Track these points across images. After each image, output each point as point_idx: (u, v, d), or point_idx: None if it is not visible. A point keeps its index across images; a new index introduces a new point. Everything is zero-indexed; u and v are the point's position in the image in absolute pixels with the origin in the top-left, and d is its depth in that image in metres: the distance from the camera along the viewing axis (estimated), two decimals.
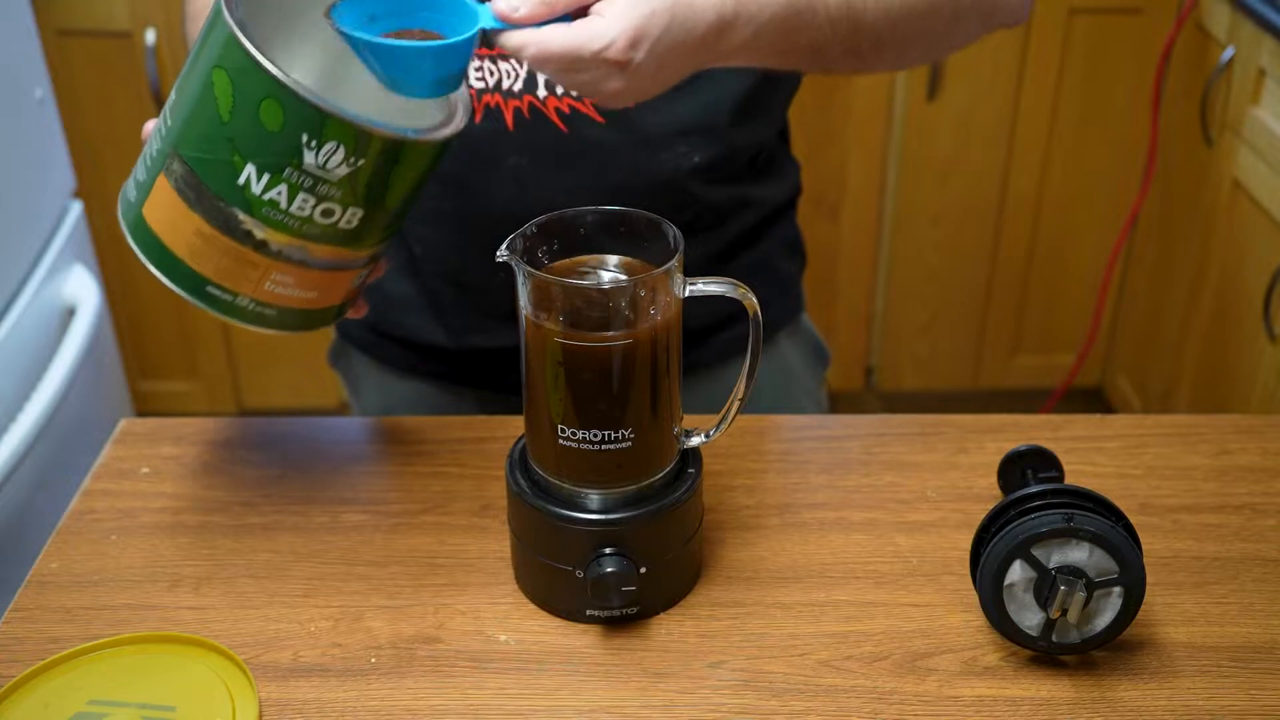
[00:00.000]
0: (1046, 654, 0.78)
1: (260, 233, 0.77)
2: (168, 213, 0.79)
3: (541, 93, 0.98)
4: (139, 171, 0.81)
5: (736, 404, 0.82)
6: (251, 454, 0.98)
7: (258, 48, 0.74)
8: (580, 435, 0.77)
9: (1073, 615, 0.75)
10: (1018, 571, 0.76)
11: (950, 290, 2.38)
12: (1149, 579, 0.79)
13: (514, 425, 0.99)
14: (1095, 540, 0.74)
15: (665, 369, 0.78)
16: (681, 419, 0.82)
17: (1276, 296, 1.75)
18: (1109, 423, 1.02)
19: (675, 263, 0.75)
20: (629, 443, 0.78)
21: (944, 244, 2.33)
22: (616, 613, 0.81)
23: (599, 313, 0.75)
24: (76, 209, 1.78)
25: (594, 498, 0.80)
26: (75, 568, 0.87)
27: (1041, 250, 2.34)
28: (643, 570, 0.80)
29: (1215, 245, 1.97)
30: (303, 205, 0.77)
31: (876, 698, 0.76)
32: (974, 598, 0.83)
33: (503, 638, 0.81)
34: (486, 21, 0.76)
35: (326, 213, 0.77)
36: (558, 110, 0.98)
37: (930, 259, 2.35)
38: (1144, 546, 0.79)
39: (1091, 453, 0.98)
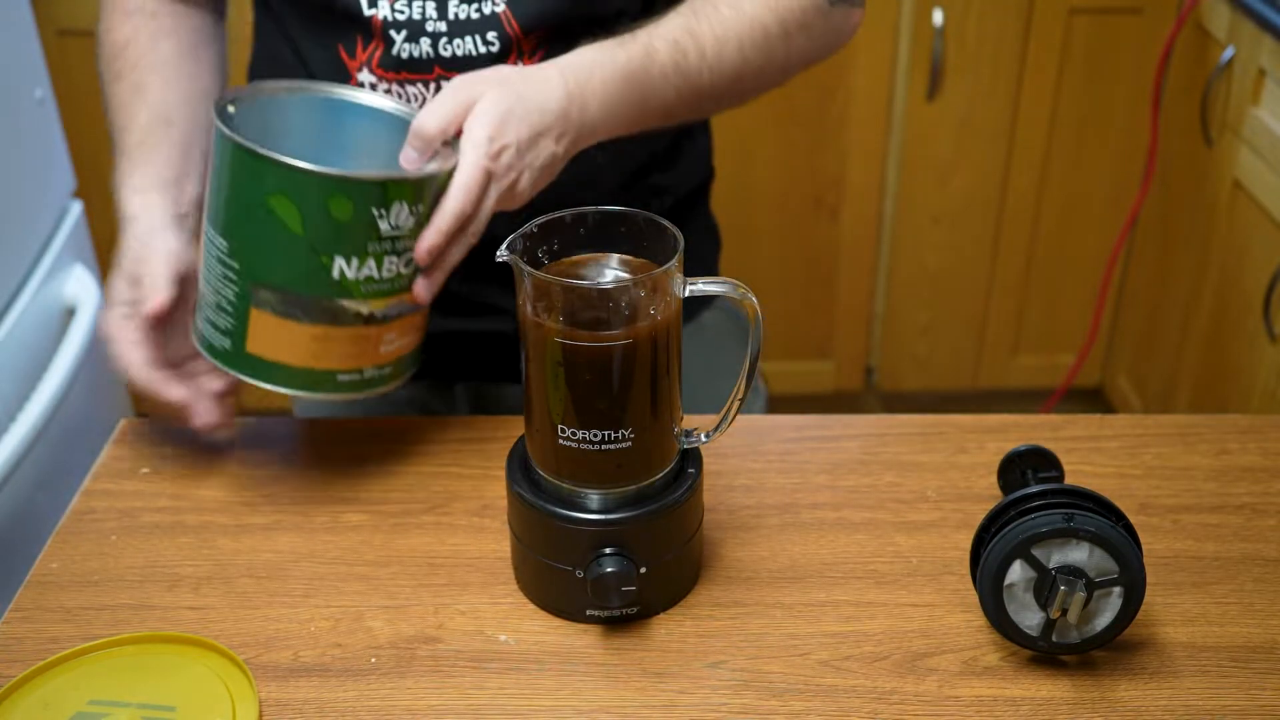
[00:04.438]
0: (1046, 654, 0.78)
1: (366, 307, 0.85)
2: (277, 336, 0.86)
3: None
4: (217, 319, 0.87)
5: (736, 404, 0.82)
6: (251, 454, 0.98)
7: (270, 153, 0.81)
8: (580, 435, 0.77)
9: (1073, 615, 0.75)
10: (1018, 571, 0.76)
11: (950, 290, 2.38)
12: (1149, 579, 0.79)
13: (514, 425, 0.99)
14: (1095, 540, 0.74)
15: (665, 369, 0.78)
16: (681, 419, 0.82)
17: (1276, 296, 1.75)
18: (1109, 423, 1.02)
19: (675, 262, 0.75)
20: (629, 443, 0.78)
21: (944, 244, 2.33)
22: (616, 613, 0.81)
23: (599, 312, 0.75)
24: (76, 209, 1.78)
25: (594, 498, 0.80)
26: (75, 568, 0.87)
27: (1041, 250, 2.34)
28: (643, 570, 0.80)
29: (1215, 245, 1.97)
30: (391, 266, 0.85)
31: (876, 698, 0.76)
32: (974, 598, 0.83)
33: (503, 638, 0.81)
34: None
35: (408, 261, 0.86)
36: None
37: (930, 259, 2.35)
38: (1144, 546, 0.79)
39: (1091, 453, 0.98)
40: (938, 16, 2.10)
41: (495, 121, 0.86)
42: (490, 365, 1.13)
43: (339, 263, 0.83)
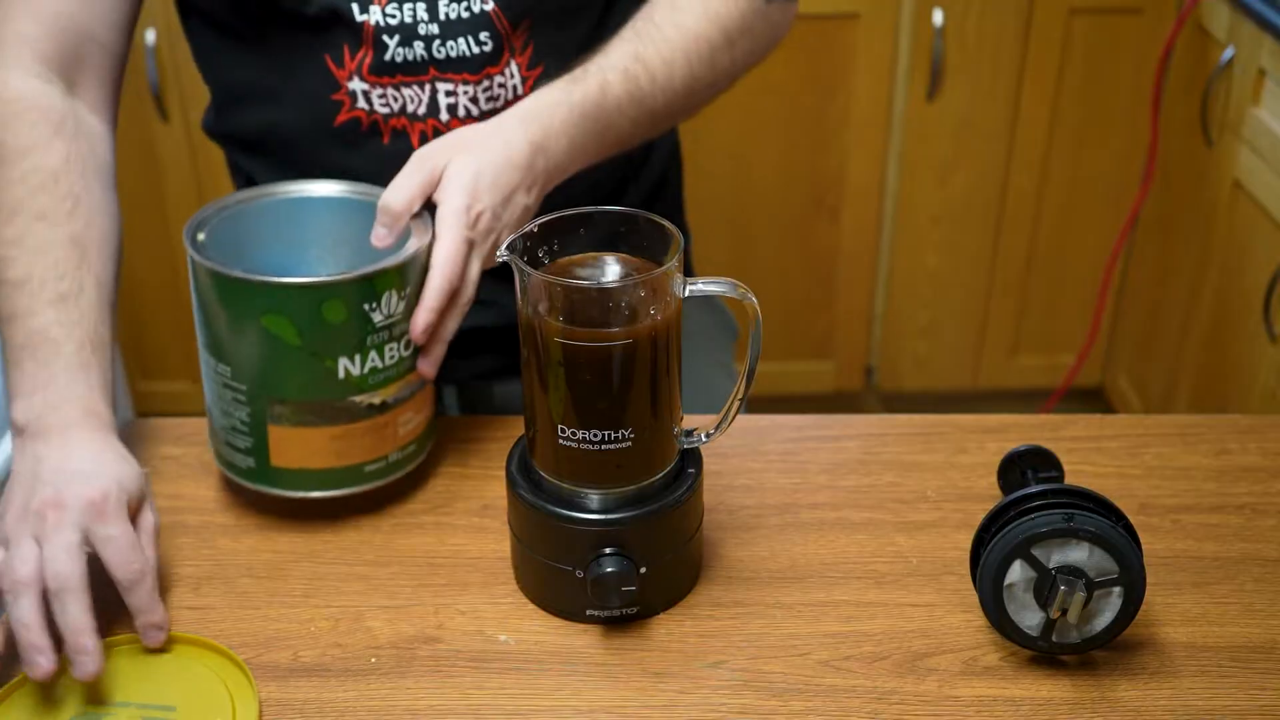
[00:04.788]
0: (1046, 654, 0.78)
1: (377, 397, 0.86)
2: (297, 446, 0.87)
3: (444, 116, 1.00)
4: (235, 441, 0.88)
5: (736, 404, 0.82)
6: None
7: (243, 269, 0.83)
8: (580, 435, 0.77)
9: (1073, 615, 0.75)
10: (1018, 571, 0.76)
11: (950, 290, 2.38)
12: (1149, 579, 0.79)
13: (514, 425, 0.99)
14: (1095, 540, 0.74)
15: (665, 369, 0.78)
16: (681, 419, 0.82)
17: (1276, 296, 1.75)
18: (1109, 423, 1.02)
19: (675, 262, 0.75)
20: (629, 443, 0.78)
21: (944, 244, 2.33)
22: (616, 613, 0.81)
23: (599, 312, 0.75)
24: None
25: (594, 498, 0.80)
26: None
27: (1041, 250, 2.34)
28: (643, 570, 0.80)
29: (1215, 245, 1.97)
30: (393, 351, 0.86)
31: (876, 698, 0.76)
32: (974, 598, 0.83)
33: (503, 638, 0.81)
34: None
35: (408, 343, 0.87)
36: None
37: (930, 259, 2.35)
38: (1144, 546, 0.79)
39: (1091, 453, 0.98)
40: (938, 16, 2.10)
41: (468, 189, 0.86)
42: (475, 364, 1.12)
43: (342, 363, 0.84)
